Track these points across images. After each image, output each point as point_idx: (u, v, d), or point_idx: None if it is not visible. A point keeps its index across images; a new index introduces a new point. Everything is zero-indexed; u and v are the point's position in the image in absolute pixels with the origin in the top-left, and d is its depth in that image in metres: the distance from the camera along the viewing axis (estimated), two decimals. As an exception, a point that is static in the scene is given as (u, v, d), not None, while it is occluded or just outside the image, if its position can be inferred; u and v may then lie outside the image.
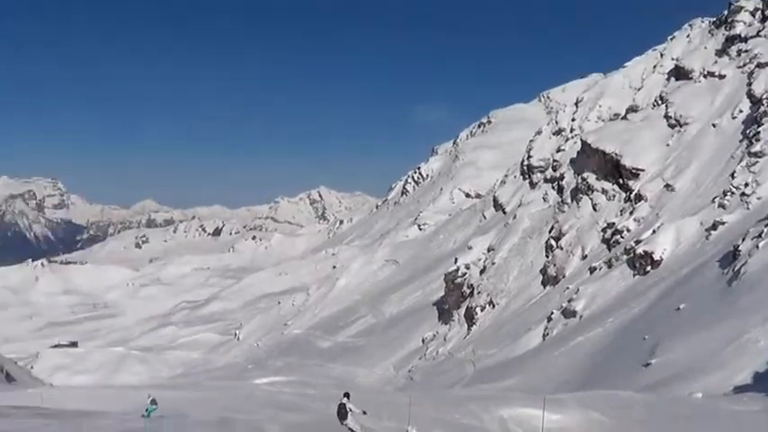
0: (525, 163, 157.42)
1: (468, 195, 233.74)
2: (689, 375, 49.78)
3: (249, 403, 48.49)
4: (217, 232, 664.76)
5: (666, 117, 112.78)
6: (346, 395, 28.42)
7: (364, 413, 28.11)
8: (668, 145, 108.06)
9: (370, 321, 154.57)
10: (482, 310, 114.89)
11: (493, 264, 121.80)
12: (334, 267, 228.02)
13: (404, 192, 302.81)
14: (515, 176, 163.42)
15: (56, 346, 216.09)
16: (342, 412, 27.64)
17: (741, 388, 44.10)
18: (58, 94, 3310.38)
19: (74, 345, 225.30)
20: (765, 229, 66.84)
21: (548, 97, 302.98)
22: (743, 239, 68.27)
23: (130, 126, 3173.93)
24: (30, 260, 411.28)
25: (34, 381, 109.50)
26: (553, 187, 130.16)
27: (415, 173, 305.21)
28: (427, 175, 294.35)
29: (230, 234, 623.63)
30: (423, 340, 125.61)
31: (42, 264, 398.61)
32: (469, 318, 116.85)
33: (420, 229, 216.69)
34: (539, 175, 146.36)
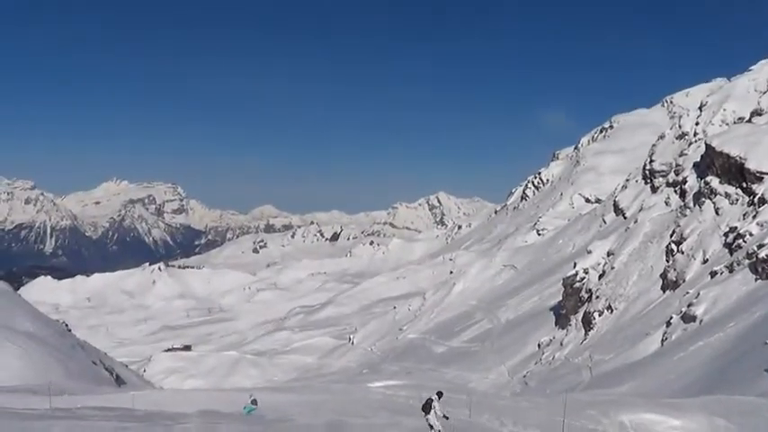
0: (647, 167, 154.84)
1: (588, 200, 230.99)
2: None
3: (362, 407, 47.84)
4: (335, 237, 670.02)
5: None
6: (439, 393, 29.04)
7: (446, 417, 28.38)
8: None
9: (485, 326, 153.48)
10: (600, 315, 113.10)
11: (612, 268, 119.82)
12: (451, 273, 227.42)
13: (524, 197, 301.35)
14: (637, 181, 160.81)
15: (169, 350, 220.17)
16: (426, 407, 28.07)
17: None
18: (181, 102, 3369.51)
19: (187, 348, 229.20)
20: None
21: (671, 102, 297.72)
22: None
23: (251, 132, 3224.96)
24: (147, 264, 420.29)
25: (145, 384, 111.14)
26: (675, 191, 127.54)
27: (536, 178, 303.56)
28: (547, 180, 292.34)
29: (348, 239, 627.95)
30: (539, 345, 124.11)
31: (159, 268, 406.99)
32: (587, 323, 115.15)
33: (539, 234, 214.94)
34: (660, 179, 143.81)
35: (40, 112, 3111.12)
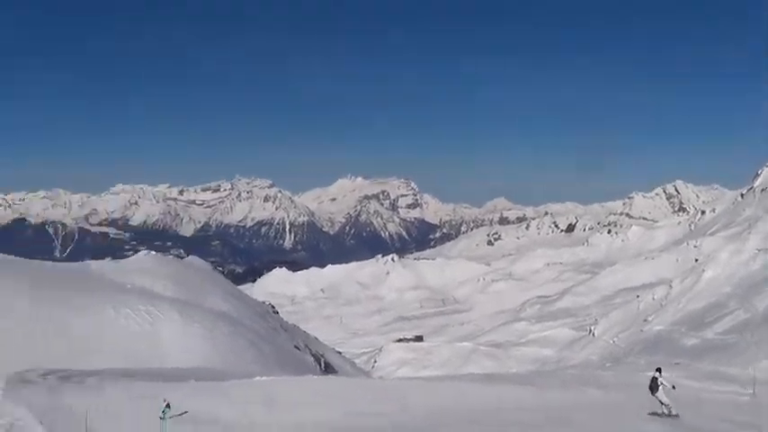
0: None
1: None
2: None
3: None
4: (570, 228, 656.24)
5: None
6: (658, 370, 29.14)
7: (673, 387, 28.42)
8: None
9: (741, 316, 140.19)
10: None
11: None
12: (696, 260, 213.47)
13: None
14: None
15: (400, 341, 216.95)
16: (653, 386, 27.96)
17: None
18: (410, 104, 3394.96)
19: (418, 339, 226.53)
20: None
21: None
22: None
23: (479, 127, 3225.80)
24: (380, 256, 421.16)
25: (358, 372, 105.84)
26: None
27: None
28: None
29: (584, 230, 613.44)
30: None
31: (393, 259, 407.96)
32: None
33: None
34: None
35: (272, 117, 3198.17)
